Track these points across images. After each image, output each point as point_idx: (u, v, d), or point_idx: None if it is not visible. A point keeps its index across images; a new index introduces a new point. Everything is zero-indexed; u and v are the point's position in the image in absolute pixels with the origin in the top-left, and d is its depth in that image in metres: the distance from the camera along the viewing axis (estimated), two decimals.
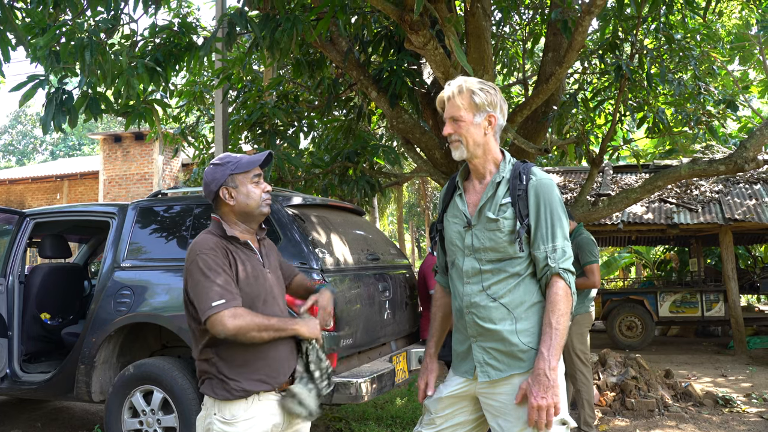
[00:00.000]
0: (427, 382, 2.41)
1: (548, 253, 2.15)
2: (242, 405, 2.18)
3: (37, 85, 4.48)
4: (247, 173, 2.31)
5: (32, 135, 48.07)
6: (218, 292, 2.12)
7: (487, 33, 5.56)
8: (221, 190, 2.29)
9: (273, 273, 2.39)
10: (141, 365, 4.24)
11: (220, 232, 2.27)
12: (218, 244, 2.22)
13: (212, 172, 2.32)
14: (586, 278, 5.07)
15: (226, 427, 2.16)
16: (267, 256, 2.40)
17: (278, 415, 2.26)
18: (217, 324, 2.10)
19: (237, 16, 4.94)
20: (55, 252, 5.66)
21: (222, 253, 2.20)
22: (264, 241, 2.43)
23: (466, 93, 2.23)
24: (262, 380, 2.21)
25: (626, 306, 10.95)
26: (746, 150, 6.05)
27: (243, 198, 2.29)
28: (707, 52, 8.03)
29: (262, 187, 2.33)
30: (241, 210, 2.30)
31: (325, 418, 5.65)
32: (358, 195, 6.92)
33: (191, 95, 8.77)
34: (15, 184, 20.62)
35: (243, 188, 2.29)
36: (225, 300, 2.12)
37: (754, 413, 6.09)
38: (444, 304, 2.49)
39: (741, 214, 10.02)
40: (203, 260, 2.17)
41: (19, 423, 5.83)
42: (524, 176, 2.22)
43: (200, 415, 2.27)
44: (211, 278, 2.14)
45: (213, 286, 2.13)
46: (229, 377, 2.18)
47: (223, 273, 2.16)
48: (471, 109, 2.23)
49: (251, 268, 2.27)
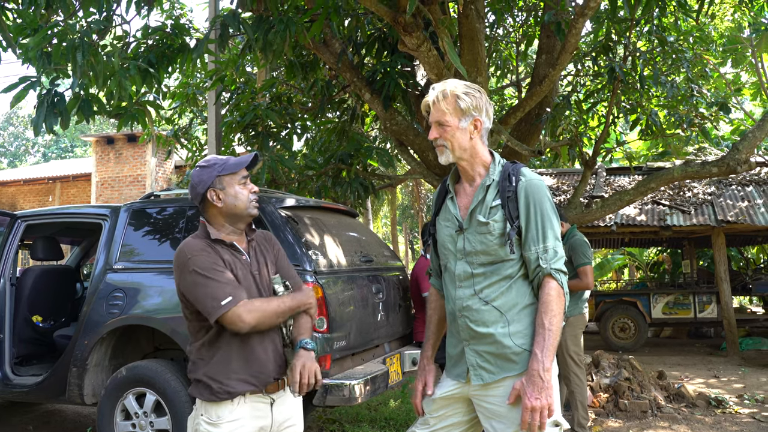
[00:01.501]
0: (425, 383, 2.39)
1: (539, 254, 2.14)
2: (228, 406, 2.18)
3: (29, 87, 4.46)
4: (235, 175, 2.30)
5: (24, 137, 47.87)
6: (223, 290, 2.13)
7: (480, 35, 5.57)
8: (209, 192, 2.28)
9: (261, 274, 2.36)
10: (134, 368, 4.22)
11: (205, 235, 2.27)
12: (207, 246, 2.22)
13: (199, 174, 2.30)
14: (580, 280, 5.08)
15: (211, 428, 2.17)
16: (256, 257, 2.38)
17: (266, 418, 2.25)
18: (236, 320, 2.12)
19: (230, 18, 4.94)
20: (47, 254, 5.63)
21: (213, 253, 2.22)
22: (253, 242, 2.41)
23: (451, 97, 2.21)
24: (247, 381, 2.20)
25: (619, 308, 10.98)
26: (739, 152, 6.07)
27: (231, 199, 2.28)
28: (700, 54, 8.09)
29: (249, 188, 2.32)
30: (228, 211, 2.29)
31: (319, 420, 5.64)
32: (351, 197, 6.91)
33: (184, 97, 8.76)
34: (7, 186, 20.52)
35: (230, 190, 2.28)
36: (232, 296, 2.13)
37: (746, 414, 6.11)
38: (439, 306, 2.47)
39: (733, 216, 10.06)
40: (196, 262, 2.17)
41: (11, 426, 5.79)
42: (513, 177, 2.21)
43: (191, 415, 2.28)
44: (210, 277, 2.15)
45: (215, 285, 2.14)
46: (214, 378, 2.18)
47: (220, 270, 2.17)
48: (456, 114, 2.21)
49: (238, 269, 2.26)
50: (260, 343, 2.24)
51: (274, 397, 2.28)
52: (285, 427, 2.32)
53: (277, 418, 2.28)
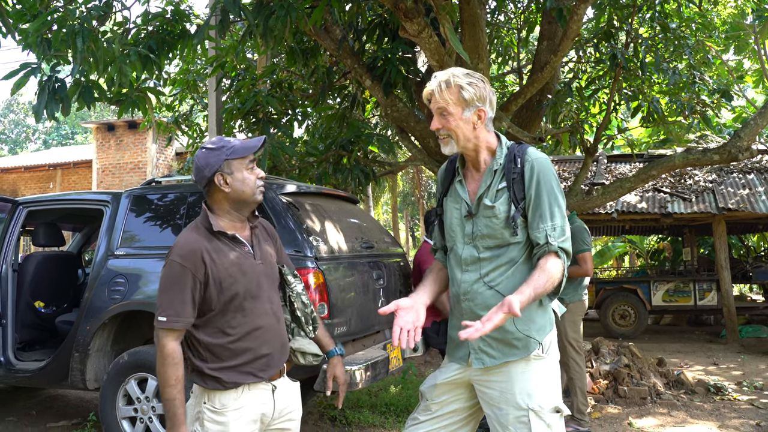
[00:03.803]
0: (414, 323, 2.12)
1: (548, 232, 2.12)
2: (232, 395, 2.15)
3: (29, 73, 4.45)
4: (243, 159, 2.19)
5: (25, 124, 47.79)
6: (167, 307, 2.08)
7: (482, 21, 5.54)
8: (216, 176, 2.17)
9: (265, 263, 2.29)
10: (135, 353, 4.24)
11: (207, 225, 2.19)
12: (197, 251, 2.12)
13: (206, 156, 2.19)
14: (579, 266, 5.09)
15: (215, 416, 2.14)
16: (259, 245, 2.30)
17: (269, 404, 2.24)
18: (157, 336, 2.09)
19: (230, 4, 4.91)
20: (49, 240, 5.65)
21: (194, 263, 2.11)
22: (256, 230, 2.33)
23: (455, 87, 2.17)
24: (253, 373, 2.18)
25: (619, 295, 11.01)
26: (740, 139, 6.06)
27: (239, 185, 2.18)
28: (702, 41, 8.04)
29: (256, 174, 2.22)
30: (236, 197, 2.19)
31: (320, 406, 5.67)
32: (352, 184, 6.91)
33: (184, 83, 8.73)
34: (8, 173, 20.53)
35: (239, 174, 2.18)
36: (167, 318, 2.07)
37: (745, 401, 6.14)
38: (439, 270, 2.42)
39: (734, 204, 10.06)
40: (170, 268, 2.12)
41: (14, 411, 5.83)
42: (519, 159, 2.19)
43: (189, 402, 2.22)
44: (168, 290, 2.10)
45: (167, 299, 2.10)
46: (219, 369, 2.14)
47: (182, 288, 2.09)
48: (460, 104, 2.18)
49: (238, 263, 2.18)
50: (272, 338, 2.23)
51: (276, 384, 2.27)
52: (285, 414, 2.31)
53: (278, 405, 2.27)
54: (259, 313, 2.21)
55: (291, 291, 2.38)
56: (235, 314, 2.17)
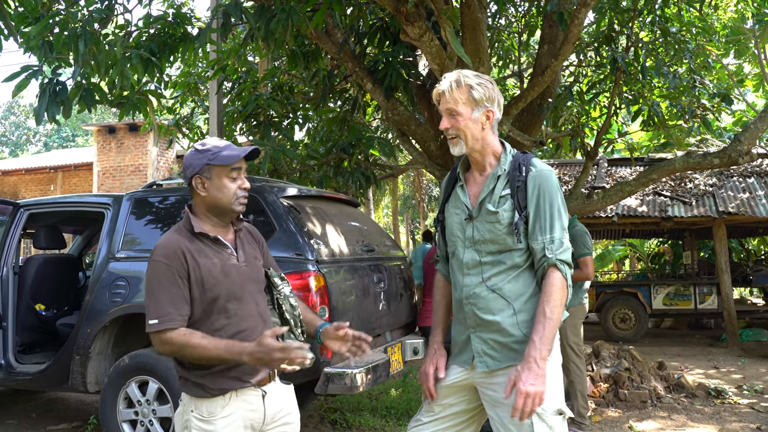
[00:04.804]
0: (437, 366, 2.33)
1: (546, 245, 2.16)
2: (220, 402, 2.10)
3: (31, 76, 4.45)
4: (225, 167, 2.14)
5: (26, 126, 47.82)
6: (157, 309, 2.04)
7: (483, 25, 5.55)
8: (195, 179, 2.15)
9: (249, 265, 2.24)
10: (136, 356, 4.24)
11: (189, 227, 2.16)
12: (177, 250, 2.09)
13: (191, 157, 2.17)
14: (580, 270, 5.09)
15: (203, 425, 2.08)
16: (243, 248, 2.26)
17: (259, 411, 2.17)
18: (156, 344, 2.06)
19: (232, 7, 4.92)
20: (50, 243, 5.65)
21: (177, 262, 2.08)
22: (241, 233, 2.29)
23: (465, 87, 2.21)
24: (239, 378, 2.12)
25: (620, 298, 11.01)
26: (740, 143, 6.06)
27: (215, 191, 2.14)
28: (702, 45, 8.05)
29: (238, 183, 2.16)
30: (211, 203, 2.16)
31: (320, 409, 5.67)
32: (353, 187, 6.91)
33: (186, 86, 8.74)
34: (8, 175, 20.53)
35: (217, 181, 2.14)
36: (158, 320, 2.02)
37: (746, 404, 6.13)
38: (446, 293, 2.47)
39: (735, 208, 10.06)
40: (154, 269, 2.08)
41: (14, 414, 5.83)
42: (524, 168, 2.21)
43: (178, 410, 2.18)
44: (155, 291, 2.06)
45: (155, 301, 2.05)
46: (204, 376, 2.09)
47: (169, 287, 2.06)
48: (469, 104, 2.21)
49: (220, 265, 2.14)
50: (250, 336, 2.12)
51: (267, 390, 2.20)
52: (279, 418, 2.24)
53: (270, 410, 2.20)
54: (244, 315, 2.16)
55: (279, 293, 2.32)
56: (218, 316, 2.12)
